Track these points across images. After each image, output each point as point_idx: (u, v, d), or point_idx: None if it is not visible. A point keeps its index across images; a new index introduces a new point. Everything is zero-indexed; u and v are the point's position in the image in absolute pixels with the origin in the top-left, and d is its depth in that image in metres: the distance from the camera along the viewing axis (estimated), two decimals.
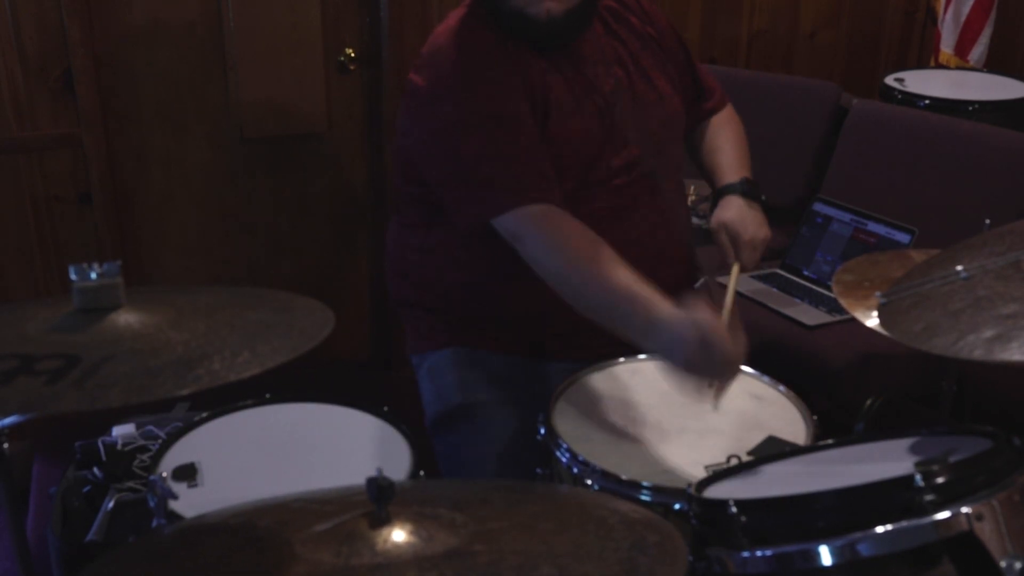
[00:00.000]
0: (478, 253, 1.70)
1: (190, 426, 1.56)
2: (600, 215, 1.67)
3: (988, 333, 1.03)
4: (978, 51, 3.28)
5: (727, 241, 1.69)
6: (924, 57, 3.54)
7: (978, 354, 1.02)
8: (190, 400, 2.04)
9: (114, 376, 0.95)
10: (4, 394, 0.93)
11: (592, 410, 1.53)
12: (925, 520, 0.96)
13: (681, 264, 1.78)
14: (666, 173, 1.75)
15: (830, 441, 1.30)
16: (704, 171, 1.89)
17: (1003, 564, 0.96)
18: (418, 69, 1.63)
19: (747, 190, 1.74)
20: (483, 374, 1.68)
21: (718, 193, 1.78)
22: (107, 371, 0.96)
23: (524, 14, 1.59)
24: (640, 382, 1.61)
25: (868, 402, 2.11)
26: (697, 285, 1.87)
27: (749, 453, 1.40)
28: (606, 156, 1.67)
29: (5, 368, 0.97)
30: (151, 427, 1.94)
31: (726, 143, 1.85)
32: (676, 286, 1.77)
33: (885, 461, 1.17)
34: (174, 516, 1.31)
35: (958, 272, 1.17)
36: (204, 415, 1.58)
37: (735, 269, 1.68)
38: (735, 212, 1.70)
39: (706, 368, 1.35)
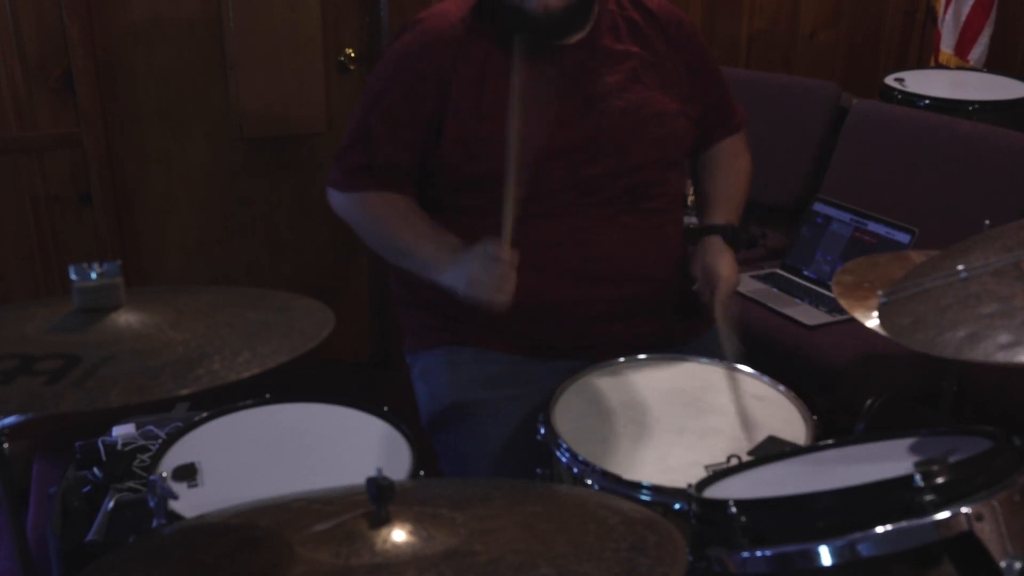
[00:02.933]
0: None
1: (190, 426, 1.56)
2: (572, 224, 1.67)
3: (962, 332, 1.04)
4: (978, 51, 3.28)
5: (701, 275, 1.75)
6: (924, 57, 3.54)
7: (949, 352, 1.02)
8: (190, 400, 2.04)
9: (114, 376, 0.95)
10: (4, 394, 0.93)
11: (592, 410, 1.54)
12: (925, 520, 0.96)
13: (663, 279, 1.76)
14: (656, 189, 1.74)
15: (830, 441, 1.30)
16: (697, 194, 1.93)
17: (1003, 564, 0.96)
18: None
19: (728, 236, 1.79)
20: (475, 373, 1.68)
21: (704, 228, 1.82)
22: (107, 371, 0.96)
23: (522, 8, 1.61)
24: (640, 382, 1.61)
25: (868, 402, 2.10)
26: (697, 286, 1.87)
27: (749, 453, 1.40)
28: (576, 162, 1.67)
29: (5, 368, 0.97)
30: (151, 427, 1.94)
31: (726, 178, 1.89)
32: (656, 300, 1.76)
33: (885, 461, 1.17)
34: (174, 516, 1.31)
35: (959, 272, 1.17)
36: (204, 415, 1.58)
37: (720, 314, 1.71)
38: (715, 253, 1.75)
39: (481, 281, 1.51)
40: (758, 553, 1.04)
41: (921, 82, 3.01)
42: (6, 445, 1.23)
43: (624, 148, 1.69)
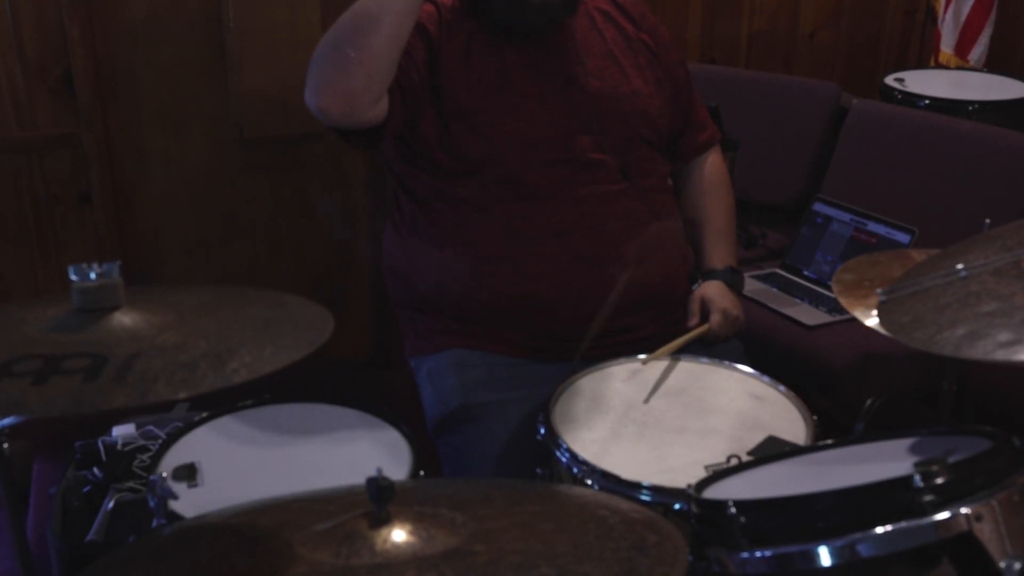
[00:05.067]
0: (454, 256, 1.72)
1: (190, 426, 1.56)
2: (579, 211, 1.70)
3: (961, 330, 1.04)
4: (978, 51, 3.28)
5: (697, 309, 1.81)
6: (924, 57, 3.54)
7: (948, 350, 1.02)
8: (190, 400, 2.04)
9: (151, 371, 0.92)
10: (45, 393, 0.88)
11: (592, 410, 1.54)
12: (924, 521, 0.96)
13: (667, 265, 1.78)
14: (645, 166, 1.77)
15: (829, 441, 1.30)
16: (689, 234, 1.94)
17: (1002, 565, 0.96)
18: None
19: (730, 280, 1.87)
20: (482, 375, 1.69)
21: (703, 273, 1.89)
22: (141, 367, 0.92)
23: None
24: (640, 382, 1.61)
25: (868, 402, 2.11)
26: (697, 286, 1.87)
27: (749, 453, 1.40)
28: (562, 138, 1.70)
29: (31, 368, 0.92)
30: (151, 427, 1.94)
31: (718, 218, 1.93)
32: (663, 288, 1.77)
33: (885, 461, 1.17)
34: (174, 516, 1.31)
35: (958, 270, 1.17)
36: (204, 415, 1.58)
37: (702, 328, 1.77)
38: (717, 290, 1.83)
39: None
40: (757, 554, 1.04)
41: (921, 82, 3.01)
42: (6, 445, 1.23)
43: (603, 125, 1.73)
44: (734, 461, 1.33)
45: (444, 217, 1.73)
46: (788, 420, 1.51)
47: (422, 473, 1.44)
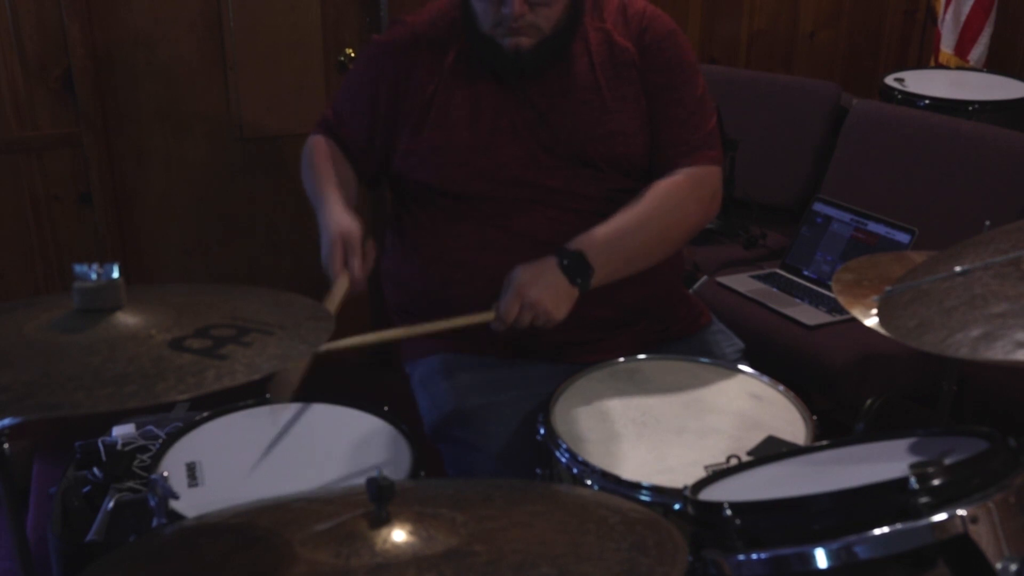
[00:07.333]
0: (430, 262, 1.72)
1: (190, 426, 1.56)
2: (544, 219, 1.67)
3: (975, 332, 1.03)
4: (978, 51, 3.29)
5: (503, 288, 1.55)
6: (924, 57, 3.54)
7: (964, 352, 1.02)
8: (190, 400, 2.04)
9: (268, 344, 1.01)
10: (253, 358, 0.98)
11: (592, 410, 1.54)
12: (920, 523, 0.96)
13: (657, 280, 1.72)
14: (627, 195, 1.68)
15: (825, 442, 1.30)
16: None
17: (998, 567, 0.96)
18: None
19: (568, 265, 1.55)
20: (474, 379, 1.68)
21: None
22: (254, 340, 1.03)
23: (495, 42, 1.63)
24: (640, 382, 1.62)
25: (868, 402, 2.11)
26: (696, 286, 1.87)
27: (749, 453, 1.40)
28: (534, 173, 1.66)
29: (224, 334, 1.02)
30: (151, 427, 1.94)
31: (624, 214, 1.63)
32: (639, 307, 1.75)
33: (883, 462, 1.17)
34: (175, 516, 1.31)
35: (956, 270, 1.17)
36: (204, 415, 1.59)
37: (485, 315, 1.55)
38: (530, 270, 1.55)
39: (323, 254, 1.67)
40: (753, 556, 1.04)
41: (921, 82, 3.02)
42: (6, 445, 1.23)
43: (583, 161, 1.68)
44: (734, 461, 1.33)
45: (421, 223, 1.74)
46: (788, 420, 1.51)
47: (422, 473, 1.44)
